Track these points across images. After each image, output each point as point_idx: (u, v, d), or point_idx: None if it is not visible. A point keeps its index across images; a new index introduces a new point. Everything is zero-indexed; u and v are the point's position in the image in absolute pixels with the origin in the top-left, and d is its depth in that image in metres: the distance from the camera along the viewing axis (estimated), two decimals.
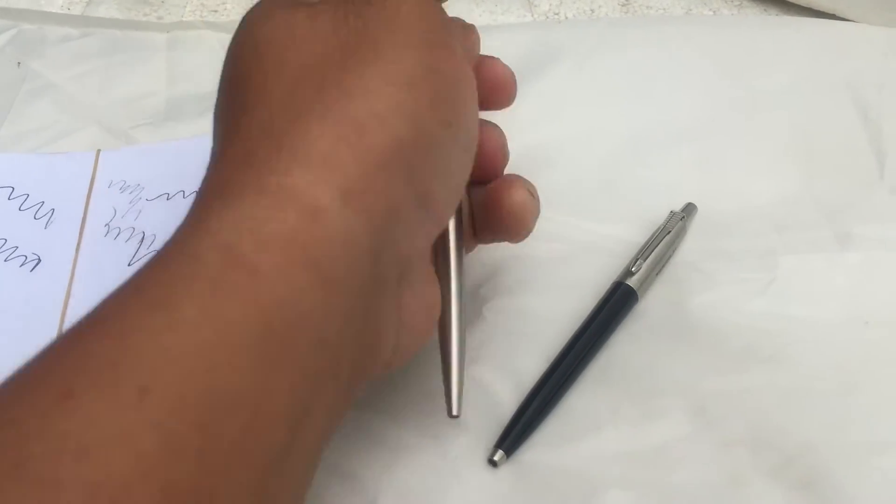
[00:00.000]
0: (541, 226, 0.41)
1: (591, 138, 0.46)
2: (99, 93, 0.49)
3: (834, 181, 0.42)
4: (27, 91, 0.49)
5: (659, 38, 0.51)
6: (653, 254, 0.38)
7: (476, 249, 0.40)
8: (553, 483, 0.30)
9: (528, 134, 0.45)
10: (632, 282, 0.37)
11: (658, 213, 0.40)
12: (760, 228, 0.40)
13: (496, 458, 0.31)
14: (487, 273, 0.39)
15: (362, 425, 0.32)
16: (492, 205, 0.31)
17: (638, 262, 0.38)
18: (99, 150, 0.43)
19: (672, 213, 0.40)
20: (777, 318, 0.35)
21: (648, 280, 0.38)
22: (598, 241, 0.40)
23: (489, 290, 0.38)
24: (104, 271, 0.37)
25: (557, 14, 0.54)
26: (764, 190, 0.42)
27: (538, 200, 0.32)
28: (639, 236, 0.40)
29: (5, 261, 0.37)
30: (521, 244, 0.40)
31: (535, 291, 0.38)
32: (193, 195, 0.40)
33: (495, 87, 0.31)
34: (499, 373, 0.34)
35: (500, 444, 0.31)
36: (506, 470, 0.31)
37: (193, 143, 0.43)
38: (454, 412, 0.30)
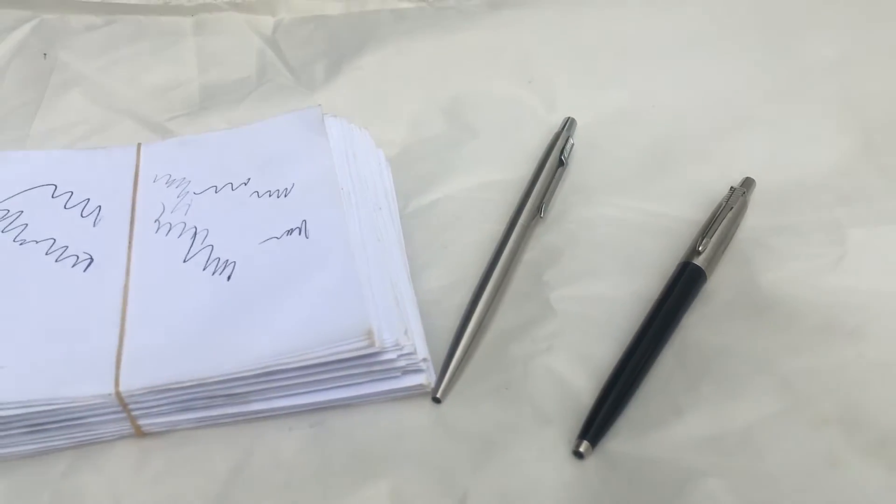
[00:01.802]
0: (598, 210, 0.40)
1: (642, 117, 0.45)
2: (130, 83, 0.48)
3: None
4: (56, 83, 0.47)
5: (708, 9, 0.50)
6: (717, 231, 0.37)
7: (535, 235, 0.39)
8: (643, 473, 0.29)
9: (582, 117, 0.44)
10: (699, 261, 0.36)
11: (712, 190, 0.40)
12: (823, 201, 0.39)
13: (581, 449, 0.30)
14: (549, 259, 0.38)
15: (445, 422, 0.31)
16: None
17: (703, 241, 0.37)
18: (140, 144, 0.41)
19: (732, 189, 0.39)
20: (854, 293, 0.34)
21: (715, 259, 0.37)
22: (655, 222, 0.40)
23: (553, 278, 0.37)
24: (160, 268, 0.35)
25: None
26: (823, 161, 0.41)
27: None
28: (695, 214, 0.39)
29: (56, 261, 0.36)
30: (579, 229, 0.39)
31: (599, 276, 0.37)
32: (242, 187, 0.39)
33: None
34: (574, 362, 0.33)
35: (583, 435, 0.31)
36: (592, 461, 0.30)
37: (235, 134, 0.42)
38: (439, 395, 0.32)
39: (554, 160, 0.42)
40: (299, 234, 0.36)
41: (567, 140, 0.43)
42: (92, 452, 0.31)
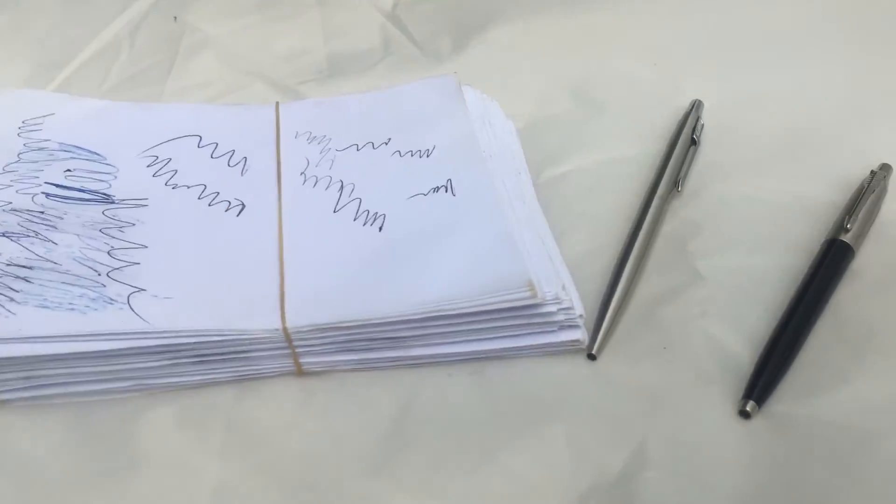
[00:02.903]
0: (734, 188, 0.40)
1: (769, 102, 0.45)
2: (258, 49, 0.48)
3: None
4: (188, 45, 0.48)
5: None
6: (862, 210, 0.37)
7: (672, 209, 0.39)
8: (814, 434, 0.29)
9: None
10: (847, 238, 0.36)
11: (847, 174, 0.40)
12: None
13: (748, 408, 0.30)
14: (690, 231, 0.38)
15: (605, 377, 0.31)
16: None
17: (850, 219, 0.36)
18: (277, 103, 0.42)
19: (873, 172, 0.39)
20: None
21: (861, 237, 0.37)
22: (793, 201, 0.39)
23: (698, 248, 0.37)
24: (311, 216, 0.36)
25: None
26: None
27: None
28: (832, 196, 0.39)
29: (209, 205, 0.36)
30: (717, 205, 0.39)
31: (743, 249, 0.37)
32: (383, 147, 0.40)
33: None
34: (730, 328, 0.33)
35: (749, 395, 0.30)
36: (760, 421, 0.30)
37: (372, 97, 0.43)
38: (594, 351, 0.32)
39: (686, 138, 0.42)
40: (445, 191, 0.37)
41: (697, 120, 0.43)
42: (255, 386, 0.31)
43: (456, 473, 0.28)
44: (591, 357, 0.32)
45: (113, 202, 0.36)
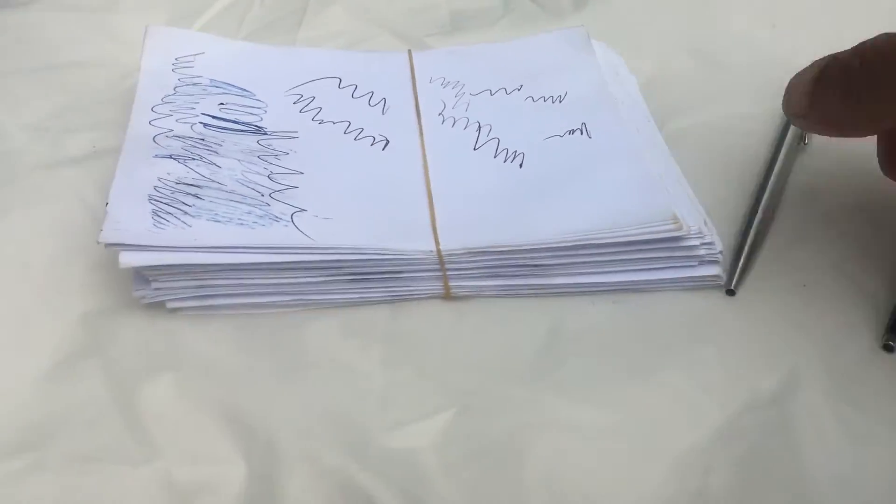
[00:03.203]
0: (861, 147, 0.40)
1: None
2: (386, 3, 0.50)
3: None
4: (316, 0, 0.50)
5: None
6: None
7: (800, 160, 0.40)
8: None
9: None
10: None
11: None
12: None
13: (893, 341, 0.31)
14: (821, 181, 0.38)
15: (747, 311, 0.32)
16: None
17: None
18: (410, 50, 0.43)
19: None
20: None
21: None
22: None
23: (828, 196, 0.37)
24: (453, 151, 0.37)
25: None
26: None
27: None
28: None
29: (355, 139, 0.38)
30: (845, 159, 0.40)
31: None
32: (515, 92, 0.41)
33: None
34: (867, 269, 0.34)
35: (892, 330, 0.31)
36: None
37: (502, 47, 0.44)
38: (733, 286, 0.33)
39: None
40: (581, 133, 0.38)
41: None
42: (407, 307, 0.32)
43: (613, 386, 0.29)
44: (730, 293, 0.33)
45: (265, 133, 0.37)
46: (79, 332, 0.31)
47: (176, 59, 0.40)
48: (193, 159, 0.35)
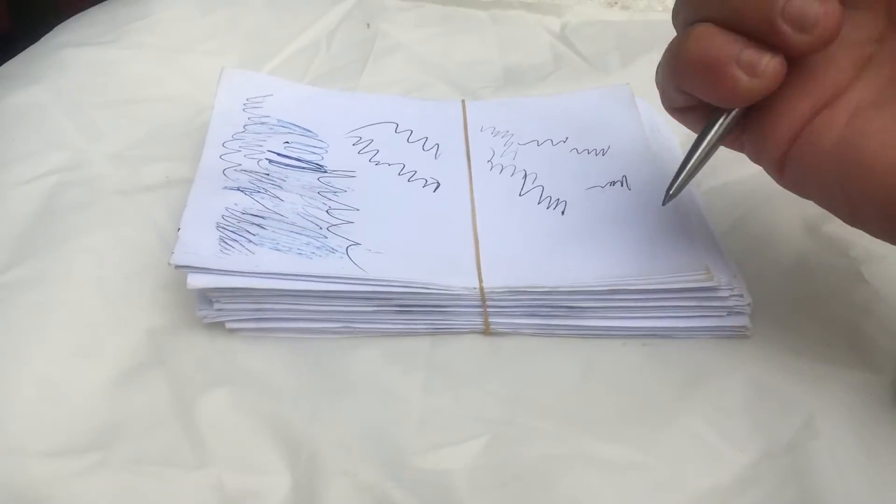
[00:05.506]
0: None
1: None
2: (441, 56, 0.53)
3: None
4: (379, 48, 0.53)
5: None
6: None
7: None
8: None
9: None
10: None
11: None
12: None
13: None
14: (852, 236, 0.40)
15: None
16: None
17: None
18: (463, 100, 0.46)
19: None
20: None
21: None
22: None
23: (860, 250, 0.39)
24: (499, 196, 0.40)
25: None
26: None
27: None
28: None
29: (409, 181, 0.40)
30: None
31: None
32: (561, 144, 0.43)
33: None
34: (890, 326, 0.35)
35: None
36: None
37: (551, 101, 0.46)
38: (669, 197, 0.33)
39: None
40: (621, 185, 0.40)
41: None
42: (447, 339, 0.34)
43: (638, 425, 0.30)
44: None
45: (326, 171, 0.40)
46: (145, 345, 0.34)
47: (247, 100, 0.44)
48: (259, 192, 0.38)
